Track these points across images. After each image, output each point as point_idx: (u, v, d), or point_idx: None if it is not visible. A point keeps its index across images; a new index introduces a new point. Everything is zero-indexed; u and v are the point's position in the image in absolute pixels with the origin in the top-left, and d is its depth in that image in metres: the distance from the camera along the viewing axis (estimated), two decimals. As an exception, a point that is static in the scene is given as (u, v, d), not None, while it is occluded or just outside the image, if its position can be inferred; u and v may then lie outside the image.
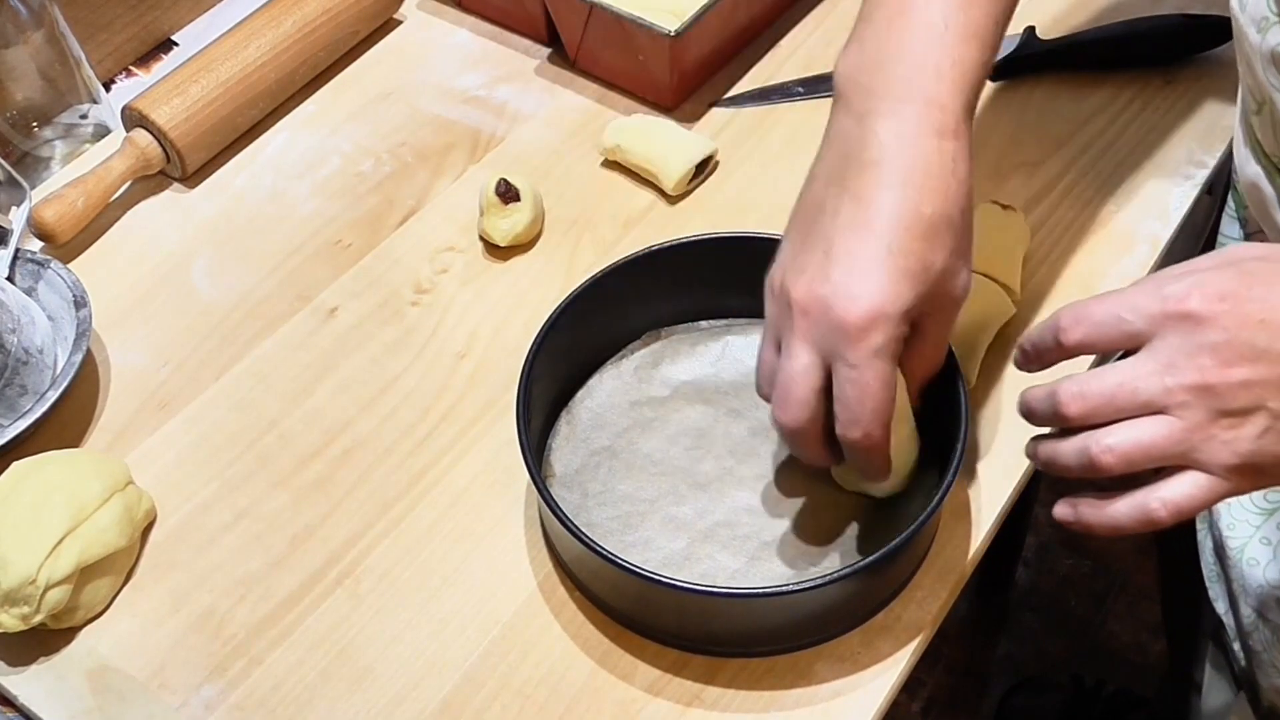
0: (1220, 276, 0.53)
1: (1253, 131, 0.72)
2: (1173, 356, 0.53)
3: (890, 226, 0.60)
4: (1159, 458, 0.53)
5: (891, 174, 0.60)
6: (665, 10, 0.88)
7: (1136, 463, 0.54)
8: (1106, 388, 0.54)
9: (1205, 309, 0.52)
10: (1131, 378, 0.54)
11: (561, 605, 0.70)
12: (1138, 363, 0.54)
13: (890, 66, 0.62)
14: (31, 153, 0.96)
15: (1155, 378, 0.53)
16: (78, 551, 0.67)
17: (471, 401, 0.78)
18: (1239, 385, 0.52)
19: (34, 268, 0.81)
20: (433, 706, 0.66)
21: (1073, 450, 0.56)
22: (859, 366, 0.59)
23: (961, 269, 0.63)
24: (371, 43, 1.00)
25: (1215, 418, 0.52)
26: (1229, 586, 0.79)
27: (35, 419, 0.74)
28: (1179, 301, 0.53)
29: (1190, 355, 0.52)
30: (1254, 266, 0.53)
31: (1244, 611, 0.77)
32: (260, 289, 0.85)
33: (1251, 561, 0.76)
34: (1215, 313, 0.52)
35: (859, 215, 0.60)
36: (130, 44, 1.03)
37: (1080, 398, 0.55)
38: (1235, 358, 0.52)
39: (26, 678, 0.68)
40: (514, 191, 0.84)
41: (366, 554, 0.72)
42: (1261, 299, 0.52)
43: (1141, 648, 1.55)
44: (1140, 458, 0.54)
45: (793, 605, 0.64)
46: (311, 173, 0.92)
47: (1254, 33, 0.66)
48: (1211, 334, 0.52)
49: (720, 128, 0.92)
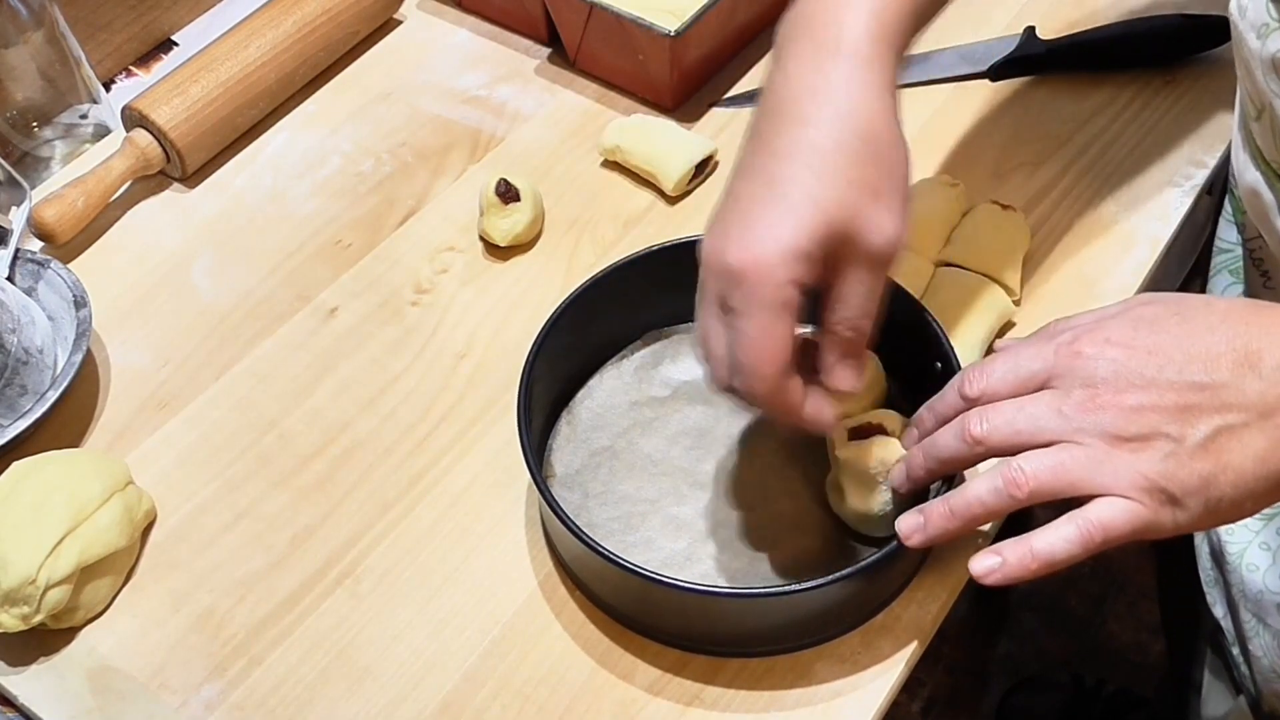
0: (1111, 324, 0.57)
1: (1252, 138, 0.72)
2: (1068, 390, 0.56)
3: (777, 162, 0.56)
4: (1069, 481, 0.55)
5: (783, 109, 0.57)
6: (665, 10, 0.88)
7: (1048, 484, 0.55)
8: (1008, 415, 0.57)
9: (1094, 350, 0.56)
10: (1032, 414, 0.56)
11: (561, 605, 0.70)
12: (1036, 399, 0.57)
13: (808, 14, 0.59)
14: (31, 153, 0.96)
15: (1054, 412, 0.56)
16: (78, 551, 0.67)
17: (471, 401, 0.78)
18: (1132, 411, 0.54)
19: (34, 268, 0.81)
20: (433, 706, 0.66)
21: (987, 486, 0.57)
22: (741, 314, 0.56)
23: (876, 210, 0.56)
24: (371, 43, 1.00)
25: (1115, 444, 0.54)
26: (1228, 592, 0.79)
27: (35, 419, 0.73)
28: (1069, 344, 0.57)
29: (1084, 386, 0.55)
30: (1143, 312, 0.57)
31: (1243, 617, 0.77)
32: (260, 289, 0.85)
33: (1251, 567, 0.76)
34: (1104, 351, 0.56)
35: (755, 158, 0.58)
36: (130, 44, 1.03)
37: (992, 431, 0.57)
38: (1126, 385, 0.55)
39: (26, 678, 0.68)
40: (514, 191, 0.84)
41: (366, 554, 0.72)
42: (1147, 337, 0.55)
43: (1141, 648, 1.55)
44: (1050, 479, 0.55)
45: (793, 605, 0.64)
46: (311, 173, 0.92)
47: (1254, 39, 0.66)
48: (1102, 367, 0.55)
49: (720, 128, 0.92)
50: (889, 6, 0.59)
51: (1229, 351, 0.54)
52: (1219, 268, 0.83)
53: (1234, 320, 0.55)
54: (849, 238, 0.56)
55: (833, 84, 0.57)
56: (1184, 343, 0.55)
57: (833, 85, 0.57)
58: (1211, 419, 0.53)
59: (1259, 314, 0.55)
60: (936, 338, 0.70)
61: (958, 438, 0.58)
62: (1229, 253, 0.82)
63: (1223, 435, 0.53)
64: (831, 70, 0.57)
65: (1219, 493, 0.54)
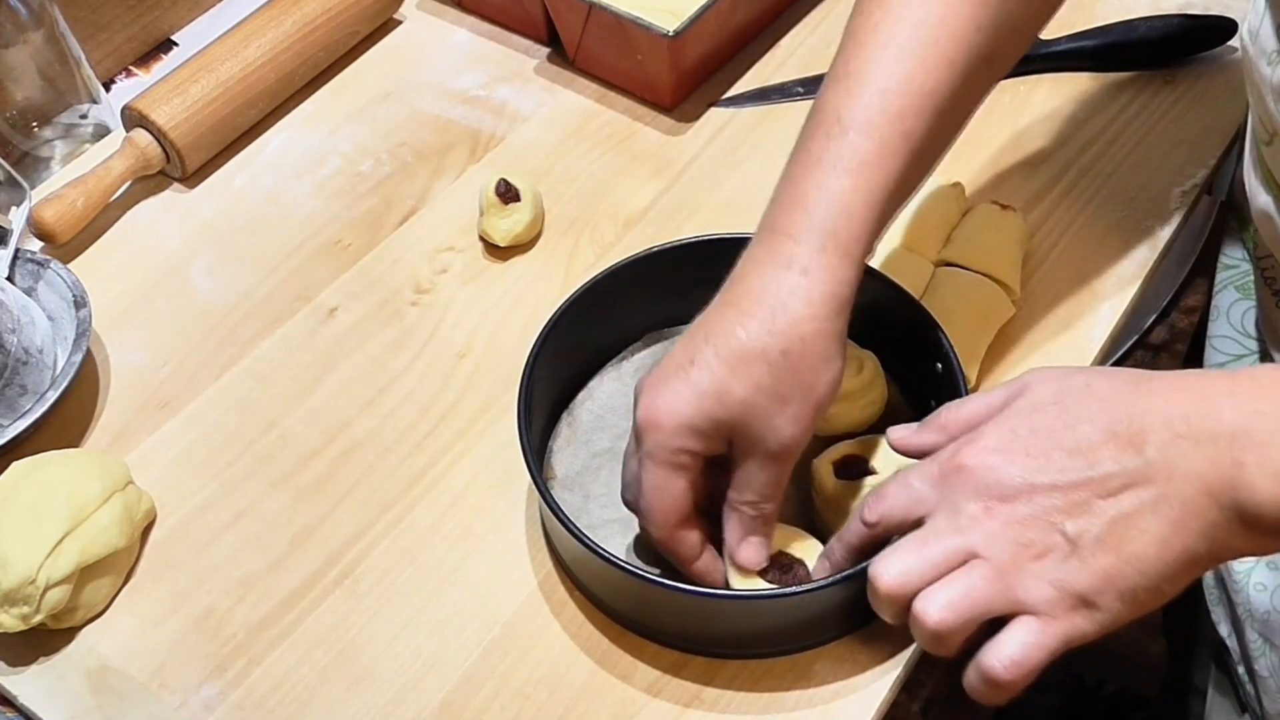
0: (989, 431, 0.56)
1: (1263, 162, 0.71)
2: (957, 504, 0.55)
3: (704, 343, 0.60)
4: (985, 604, 0.54)
5: (733, 298, 0.61)
6: (664, 10, 0.88)
7: (965, 617, 0.54)
8: (912, 547, 0.56)
9: (975, 461, 0.55)
10: (934, 535, 0.55)
11: (561, 605, 0.70)
12: (933, 520, 0.56)
13: (777, 206, 0.62)
14: (31, 153, 0.96)
15: (952, 529, 0.55)
16: (78, 551, 0.67)
17: (471, 401, 0.78)
18: (1026, 516, 0.53)
19: (34, 268, 0.81)
20: (432, 706, 0.66)
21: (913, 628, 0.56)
22: (643, 461, 0.61)
23: (777, 415, 0.59)
24: (371, 43, 1.00)
25: (1019, 550, 0.53)
26: (1232, 611, 0.78)
27: (35, 419, 0.73)
28: (951, 459, 0.56)
29: (974, 497, 0.55)
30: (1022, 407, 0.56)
31: (1249, 636, 0.76)
32: (260, 289, 0.85)
33: (1259, 587, 0.75)
34: (984, 461, 0.55)
35: (697, 329, 0.61)
36: (130, 44, 1.03)
37: (889, 569, 0.56)
38: (1013, 492, 0.54)
39: (26, 678, 0.68)
40: (514, 191, 0.84)
41: (366, 554, 0.72)
42: (1027, 440, 0.54)
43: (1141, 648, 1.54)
44: (967, 610, 0.54)
45: (792, 608, 0.64)
46: (311, 173, 0.92)
47: (1264, 65, 0.66)
48: (986, 477, 0.55)
49: (720, 128, 0.92)
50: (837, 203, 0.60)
51: (1110, 439, 0.53)
52: (1224, 284, 0.82)
53: (1115, 403, 0.53)
54: (747, 432, 0.60)
55: (779, 292, 0.60)
56: (1063, 437, 0.54)
57: (779, 293, 0.60)
58: (1104, 511, 0.52)
59: (1140, 390, 0.54)
60: (936, 338, 0.70)
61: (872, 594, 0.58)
62: (1234, 269, 0.82)
63: (1118, 525, 0.52)
64: (782, 279, 0.60)
65: (1130, 584, 0.52)
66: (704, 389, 0.59)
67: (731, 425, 0.60)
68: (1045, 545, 0.53)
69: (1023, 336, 0.79)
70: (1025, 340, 0.79)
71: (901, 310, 0.72)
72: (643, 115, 0.94)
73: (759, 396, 0.59)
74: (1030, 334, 0.79)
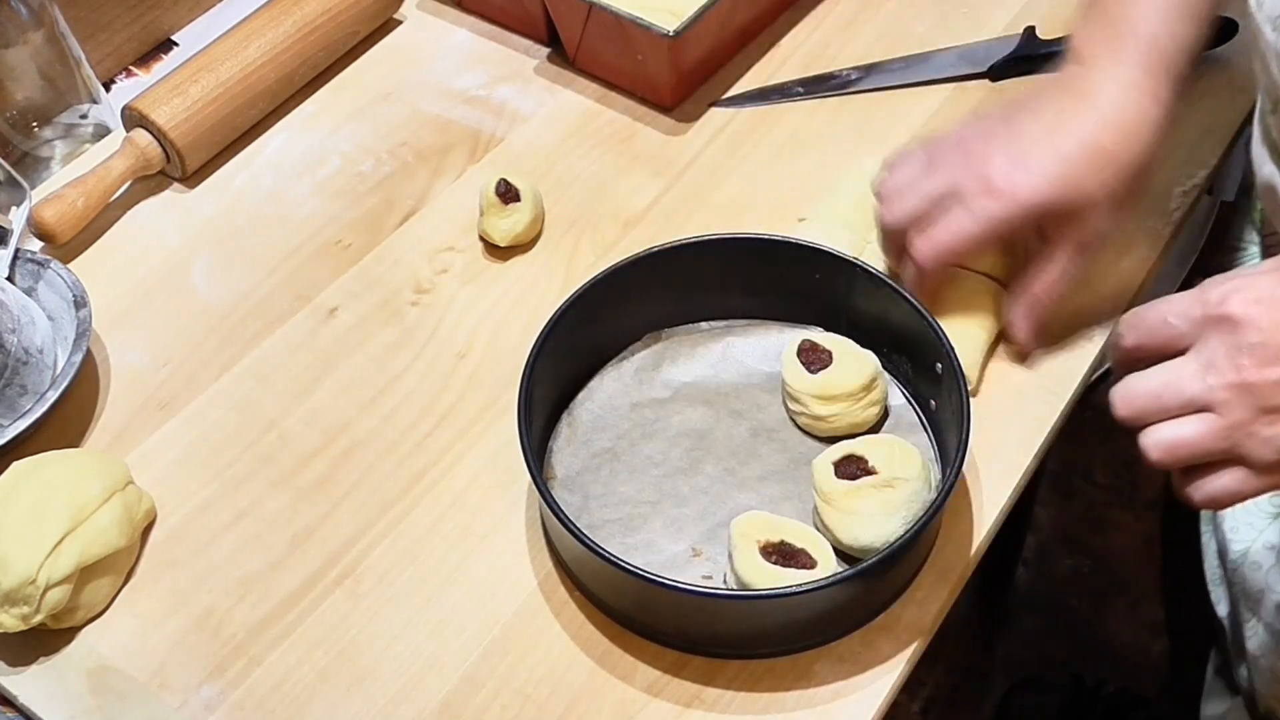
0: (1262, 281, 0.56)
1: (1269, 131, 0.72)
2: (1213, 357, 0.56)
3: (1070, 139, 0.69)
4: (1204, 453, 0.56)
5: (1094, 107, 0.69)
6: (665, 10, 0.88)
7: (1183, 459, 0.56)
8: (1152, 388, 0.57)
9: (1242, 312, 0.55)
10: (1176, 379, 0.57)
11: (561, 605, 0.70)
12: (1182, 364, 0.57)
13: (1115, 32, 0.71)
14: (31, 153, 0.96)
15: (1197, 378, 0.56)
16: (78, 551, 0.67)
17: (471, 401, 0.78)
18: (1277, 383, 0.54)
19: (34, 268, 0.81)
20: (432, 706, 0.66)
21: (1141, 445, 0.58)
22: (967, 210, 0.69)
23: (1108, 212, 0.69)
24: (371, 43, 1.00)
25: (1256, 415, 0.55)
26: (1230, 590, 0.79)
27: (35, 419, 0.73)
28: (1218, 305, 0.56)
29: (1229, 356, 0.55)
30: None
31: (1243, 615, 0.77)
32: (260, 289, 0.85)
33: (1254, 565, 0.76)
34: (1252, 315, 0.55)
35: (1054, 121, 0.70)
36: (130, 44, 1.03)
37: (1127, 401, 0.58)
38: (1272, 357, 0.54)
39: (26, 678, 0.68)
40: (514, 191, 0.84)
41: (366, 554, 0.72)
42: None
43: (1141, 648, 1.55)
44: (1186, 454, 0.56)
45: (793, 607, 0.64)
46: (311, 173, 0.92)
47: (1269, 31, 0.66)
48: (1249, 335, 0.55)
49: (720, 128, 0.92)
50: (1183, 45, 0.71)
51: None
52: None
53: None
54: (1075, 223, 0.70)
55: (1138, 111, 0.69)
56: None
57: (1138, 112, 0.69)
58: None
59: None
60: (937, 338, 0.70)
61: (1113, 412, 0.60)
62: (1241, 251, 0.82)
63: None
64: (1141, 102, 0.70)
65: None
66: (1066, 180, 0.68)
67: (1072, 215, 0.69)
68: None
69: (1023, 336, 0.79)
70: (1025, 340, 0.79)
71: (901, 310, 0.72)
72: (643, 115, 0.94)
73: (1106, 196, 0.69)
74: (1030, 334, 0.79)
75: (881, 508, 0.66)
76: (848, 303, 0.75)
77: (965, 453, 0.66)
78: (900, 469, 0.67)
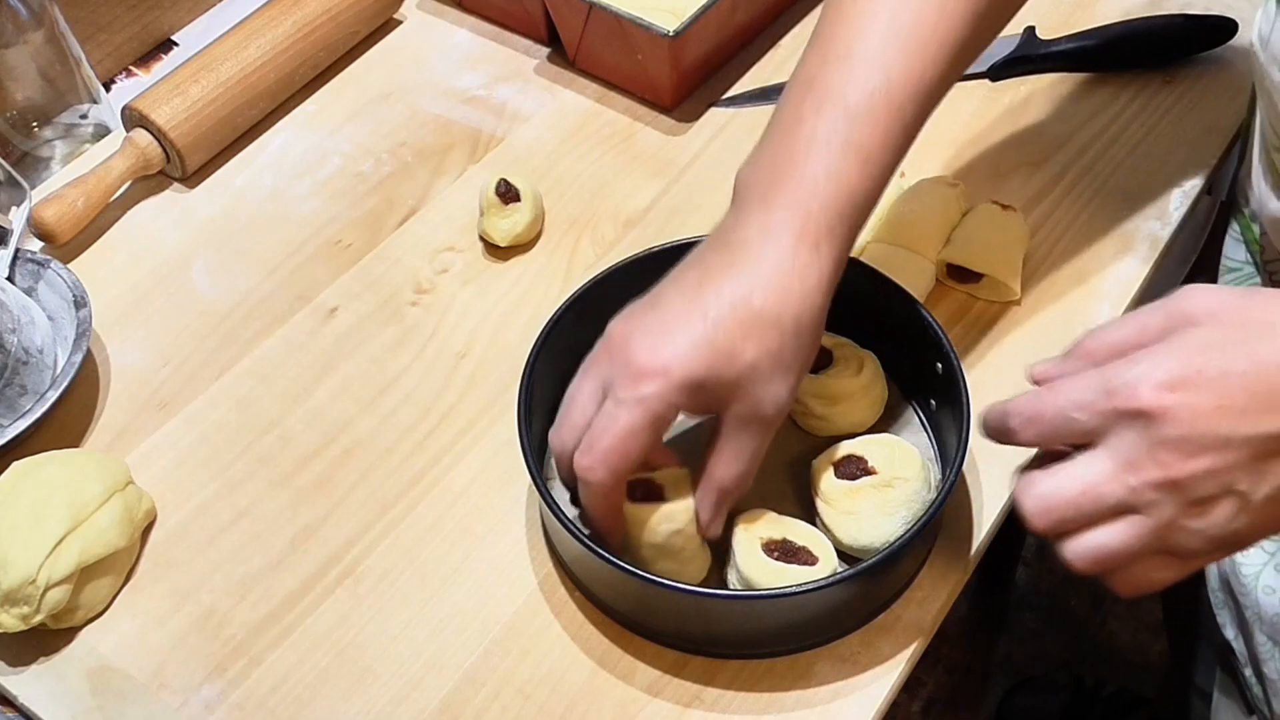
0: (1169, 358, 0.51)
1: (1274, 167, 0.71)
2: (1131, 455, 0.51)
3: (717, 301, 0.61)
4: (1134, 558, 0.52)
5: (741, 260, 0.61)
6: (665, 10, 0.88)
7: (1112, 568, 0.53)
8: (1069, 497, 0.52)
9: (1156, 403, 0.50)
10: (1094, 484, 0.52)
11: (561, 605, 0.70)
12: (1097, 464, 0.52)
13: (774, 174, 0.63)
14: (31, 153, 0.96)
15: (1118, 481, 0.51)
16: (78, 551, 0.67)
17: (471, 401, 0.78)
18: (1205, 475, 0.50)
19: (34, 268, 0.81)
20: (433, 706, 0.66)
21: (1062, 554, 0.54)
22: (620, 404, 0.61)
23: (776, 382, 0.61)
24: (371, 43, 1.00)
25: (1184, 509, 0.51)
26: (1239, 614, 0.78)
27: (35, 419, 0.74)
28: (1127, 399, 0.51)
29: (1150, 453, 0.50)
30: (1204, 336, 0.51)
31: (1258, 640, 0.76)
32: (260, 289, 0.85)
33: (1267, 590, 0.75)
34: (1167, 406, 0.50)
35: (699, 283, 0.62)
36: (130, 44, 1.03)
37: (1044, 513, 0.53)
38: (1197, 450, 0.50)
39: (26, 678, 0.68)
40: (514, 191, 0.84)
41: (366, 554, 0.72)
42: (1214, 381, 0.50)
43: (1141, 648, 1.55)
44: (1116, 564, 0.53)
45: (792, 608, 0.64)
46: (311, 173, 0.92)
47: (1275, 71, 0.66)
48: (1168, 429, 0.50)
49: (720, 128, 0.92)
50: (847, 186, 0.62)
51: None
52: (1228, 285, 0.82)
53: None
54: (745, 396, 0.61)
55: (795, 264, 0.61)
56: (1256, 383, 0.49)
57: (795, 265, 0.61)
58: None
59: None
60: (936, 338, 0.70)
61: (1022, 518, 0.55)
62: (1237, 271, 0.82)
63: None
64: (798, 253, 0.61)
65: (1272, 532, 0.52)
66: (717, 346, 0.60)
67: (734, 386, 0.61)
68: (1213, 502, 0.50)
69: (1023, 336, 0.79)
70: (1025, 340, 0.79)
71: (901, 310, 0.72)
72: (643, 115, 0.94)
73: (767, 361, 0.61)
74: (1030, 334, 0.79)
75: (881, 508, 0.66)
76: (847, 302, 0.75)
77: (965, 453, 0.66)
78: (900, 469, 0.67)
